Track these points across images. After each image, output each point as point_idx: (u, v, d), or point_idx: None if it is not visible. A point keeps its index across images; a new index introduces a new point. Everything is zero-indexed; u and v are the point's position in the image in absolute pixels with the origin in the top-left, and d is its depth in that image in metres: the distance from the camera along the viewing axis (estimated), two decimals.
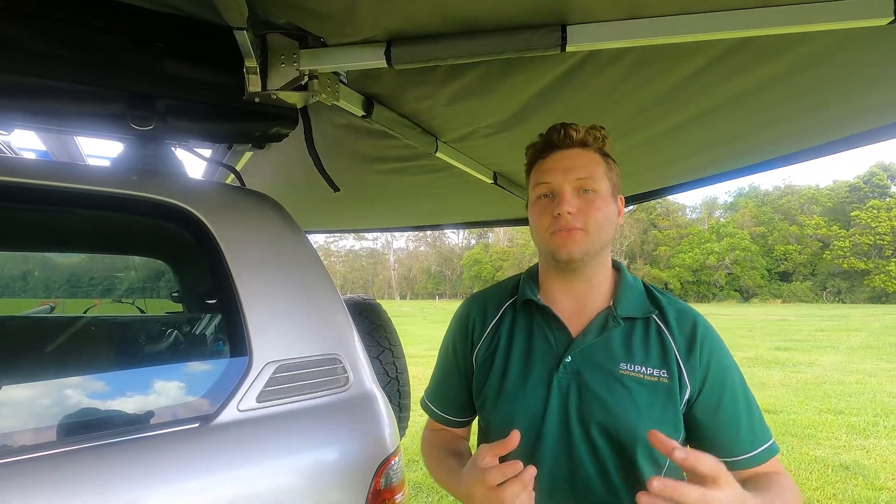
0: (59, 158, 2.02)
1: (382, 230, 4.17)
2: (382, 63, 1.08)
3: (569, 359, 0.87)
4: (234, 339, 1.08)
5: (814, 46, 1.12)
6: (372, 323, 2.22)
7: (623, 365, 0.85)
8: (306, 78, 1.14)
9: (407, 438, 4.93)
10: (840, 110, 1.50)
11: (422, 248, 78.33)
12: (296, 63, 1.10)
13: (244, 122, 1.21)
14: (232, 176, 1.55)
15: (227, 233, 1.10)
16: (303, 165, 1.85)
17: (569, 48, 1.03)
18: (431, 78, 1.26)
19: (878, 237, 42.61)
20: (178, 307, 1.80)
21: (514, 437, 0.73)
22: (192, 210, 1.08)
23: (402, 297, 71.89)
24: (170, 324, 1.52)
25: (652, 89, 1.33)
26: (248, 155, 1.61)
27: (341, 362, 1.16)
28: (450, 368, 1.04)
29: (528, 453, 0.85)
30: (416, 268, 76.83)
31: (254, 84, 1.10)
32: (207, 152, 1.76)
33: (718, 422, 0.84)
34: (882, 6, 0.94)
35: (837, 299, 43.36)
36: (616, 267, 0.97)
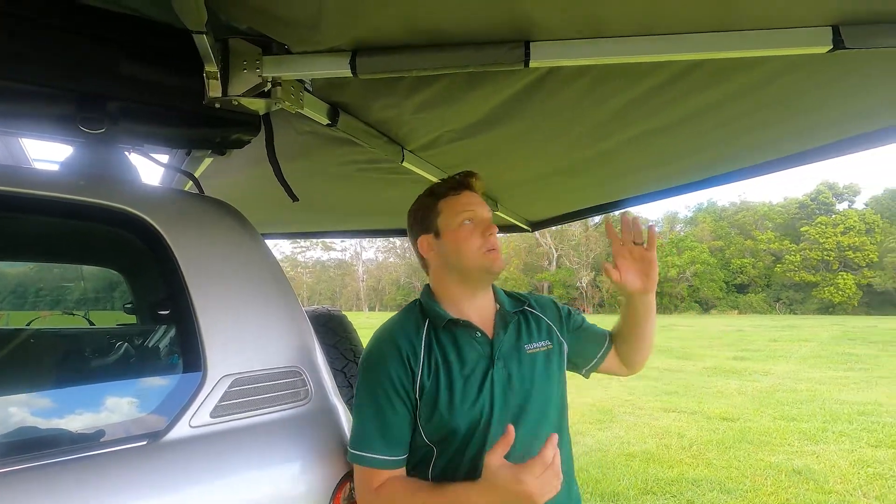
0: (3, 162, 1.92)
1: (352, 234, 4.12)
2: (347, 72, 1.08)
3: (497, 355, 1.06)
4: (188, 352, 1.04)
5: (763, 70, 1.18)
6: (337, 335, 2.18)
7: (526, 346, 1.11)
8: (269, 85, 1.12)
9: None
10: (786, 130, 1.59)
11: (391, 260, 77.70)
12: (258, 69, 1.08)
13: (203, 127, 1.18)
14: (190, 182, 1.50)
15: (182, 242, 1.06)
16: (268, 169, 1.82)
17: (532, 64, 1.05)
18: (397, 88, 1.27)
19: (825, 252, 45.03)
20: (132, 319, 1.72)
21: (511, 432, 0.88)
22: (146, 218, 1.04)
23: (371, 309, 71.06)
24: (120, 336, 1.45)
25: (612, 104, 1.37)
26: (208, 161, 1.56)
27: (302, 375, 1.13)
28: (392, 407, 1.01)
29: (482, 442, 1.00)
30: (385, 279, 76.16)
31: (214, 89, 1.08)
32: (166, 157, 1.71)
33: (589, 328, 1.25)
34: (822, 36, 1.00)
35: (789, 310, 45.42)
36: None
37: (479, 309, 1.12)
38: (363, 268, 75.48)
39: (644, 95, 1.30)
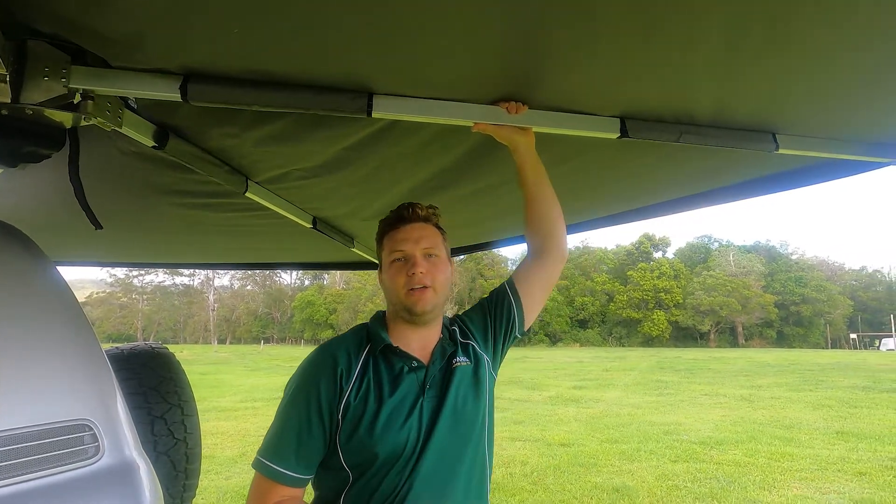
0: None
1: (190, 265, 3.75)
2: (177, 97, 1.01)
3: (429, 385, 1.06)
4: None
5: (568, 145, 1.38)
6: (159, 375, 1.94)
7: (453, 361, 1.11)
8: (78, 97, 0.99)
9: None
10: (590, 196, 1.89)
11: (248, 287, 71.85)
12: (64, 79, 0.95)
13: None
14: None
15: None
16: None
17: (375, 115, 1.10)
18: (238, 118, 1.22)
19: (645, 293, 53.31)
20: None
21: None
22: None
23: (221, 342, 64.35)
24: None
25: (450, 156, 1.48)
26: None
27: (91, 429, 0.97)
28: (311, 420, 1.01)
29: (403, 475, 0.99)
30: (241, 308, 69.90)
31: (1, 93, 0.92)
32: None
33: (499, 303, 1.22)
34: (612, 125, 1.22)
35: (619, 343, 52.37)
36: None
37: (422, 339, 1.11)
38: (215, 296, 68.43)
39: (474, 153, 1.44)
